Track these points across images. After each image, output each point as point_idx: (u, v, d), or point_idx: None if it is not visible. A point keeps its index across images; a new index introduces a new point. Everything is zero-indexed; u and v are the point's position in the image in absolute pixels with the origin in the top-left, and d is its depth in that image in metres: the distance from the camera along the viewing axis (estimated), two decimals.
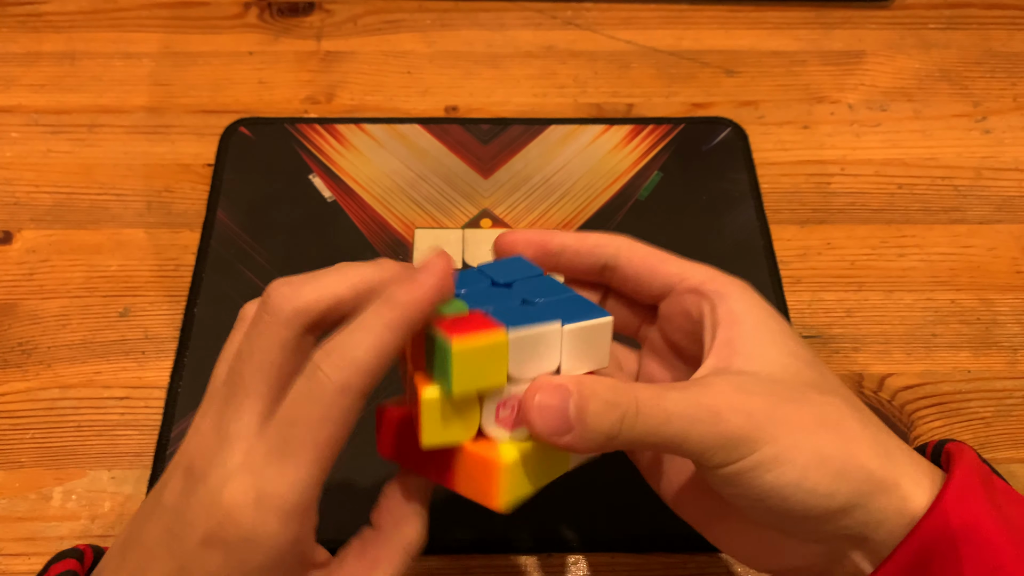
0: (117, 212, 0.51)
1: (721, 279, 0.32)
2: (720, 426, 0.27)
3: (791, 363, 0.30)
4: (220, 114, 0.55)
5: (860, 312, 0.48)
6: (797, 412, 0.28)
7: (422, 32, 0.60)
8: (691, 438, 0.27)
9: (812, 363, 0.31)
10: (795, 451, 0.28)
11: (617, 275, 0.34)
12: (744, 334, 0.30)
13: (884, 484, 0.28)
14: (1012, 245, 0.51)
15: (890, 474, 0.28)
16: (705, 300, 0.32)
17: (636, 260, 0.33)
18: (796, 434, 0.28)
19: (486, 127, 0.55)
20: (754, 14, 0.61)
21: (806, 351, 0.31)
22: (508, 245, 0.34)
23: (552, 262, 0.34)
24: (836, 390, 0.30)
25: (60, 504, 0.41)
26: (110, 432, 0.43)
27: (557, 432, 0.27)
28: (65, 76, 0.57)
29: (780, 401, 0.28)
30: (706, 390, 0.28)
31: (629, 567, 0.40)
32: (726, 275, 0.32)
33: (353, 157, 0.53)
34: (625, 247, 0.34)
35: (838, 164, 0.54)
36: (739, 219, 0.51)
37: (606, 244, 0.34)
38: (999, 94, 0.58)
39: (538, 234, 0.34)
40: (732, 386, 0.28)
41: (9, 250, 0.50)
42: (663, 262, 0.33)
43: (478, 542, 0.40)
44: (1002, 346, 0.47)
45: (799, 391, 0.29)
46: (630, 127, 0.55)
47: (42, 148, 0.54)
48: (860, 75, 0.58)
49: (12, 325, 0.47)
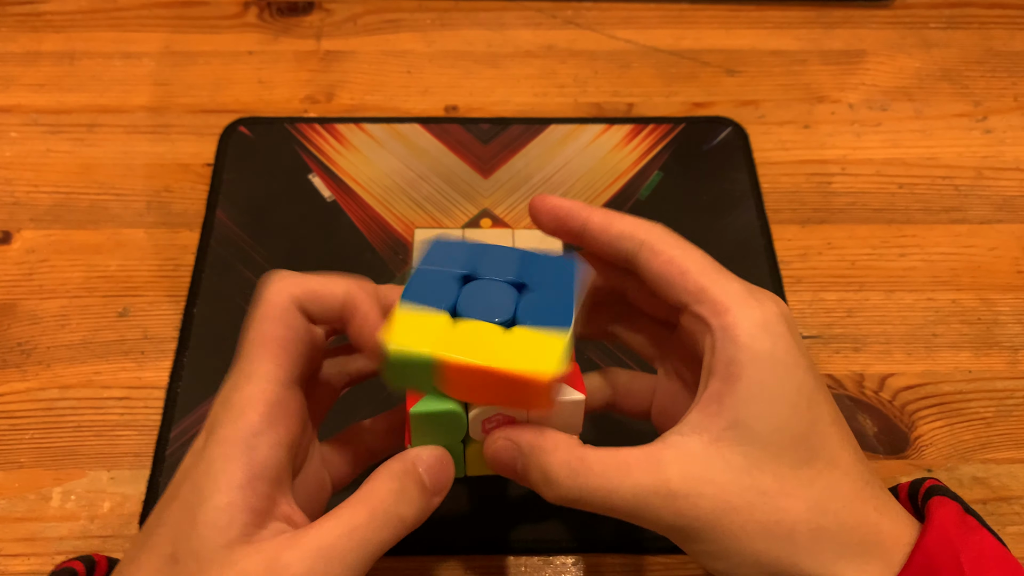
0: (117, 212, 0.51)
1: (737, 310, 0.29)
2: (667, 510, 0.28)
3: (779, 439, 0.28)
4: (220, 114, 0.55)
5: (861, 312, 0.48)
6: (744, 518, 0.28)
7: (422, 32, 0.60)
8: (642, 517, 0.28)
9: (808, 428, 0.29)
10: (727, 557, 0.28)
11: (639, 274, 0.32)
12: (737, 394, 0.28)
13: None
14: (1013, 245, 0.51)
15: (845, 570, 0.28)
16: (709, 334, 0.29)
17: (655, 266, 0.31)
18: (735, 542, 0.28)
19: (486, 127, 0.55)
20: (755, 14, 0.61)
21: (809, 408, 0.29)
22: (535, 211, 0.33)
23: (576, 241, 0.33)
24: (820, 448, 0.29)
25: (59, 504, 0.41)
26: (109, 432, 0.43)
27: (512, 478, 0.30)
28: (65, 76, 0.57)
29: (734, 498, 0.28)
30: (664, 468, 0.28)
31: (629, 567, 0.40)
32: (748, 301, 0.29)
33: (353, 157, 0.53)
34: (647, 247, 0.31)
35: (839, 164, 0.54)
36: (739, 219, 0.51)
37: (630, 238, 0.31)
38: (1000, 94, 0.57)
39: (564, 208, 0.33)
40: (696, 465, 0.28)
41: (8, 250, 0.50)
42: (683, 274, 0.30)
43: (478, 542, 0.40)
44: (1003, 346, 0.47)
45: (764, 485, 0.28)
46: (630, 127, 0.55)
47: (42, 148, 0.54)
48: (861, 75, 0.58)
49: (11, 325, 0.47)
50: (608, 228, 0.32)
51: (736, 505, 0.28)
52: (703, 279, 0.30)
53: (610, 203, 0.52)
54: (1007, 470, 0.43)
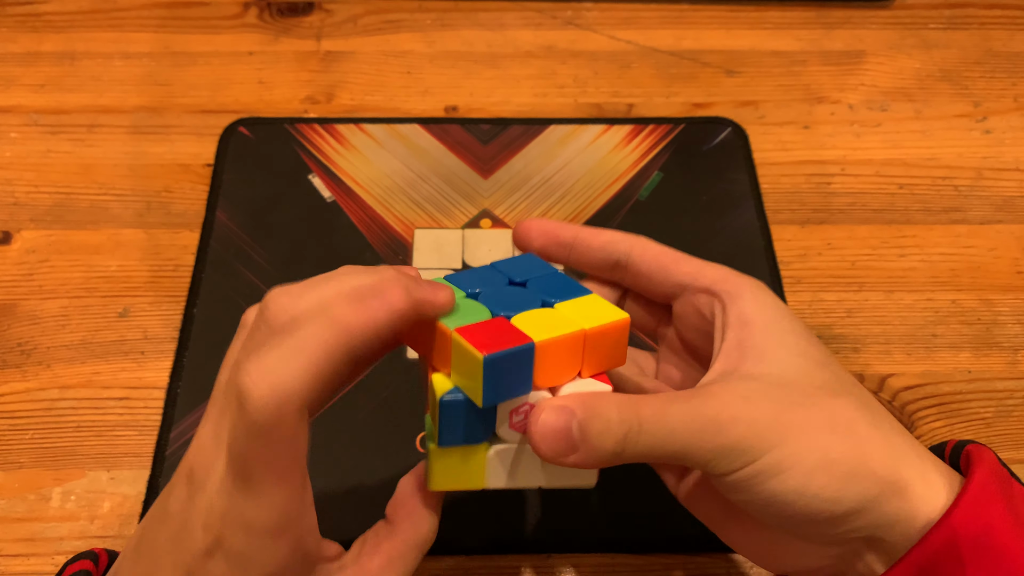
0: (116, 212, 0.51)
1: (734, 279, 0.32)
2: (722, 437, 0.27)
3: (802, 364, 0.30)
4: (220, 114, 0.55)
5: (860, 312, 0.48)
6: (803, 416, 0.28)
7: (422, 32, 0.60)
8: (693, 451, 0.28)
9: (825, 363, 0.30)
10: (799, 456, 0.28)
11: (630, 273, 0.34)
12: (754, 336, 0.30)
13: (895, 487, 0.28)
14: (1013, 245, 0.51)
15: (901, 477, 0.28)
16: (717, 300, 0.32)
17: (648, 258, 0.34)
18: (801, 439, 0.28)
19: (486, 127, 0.55)
20: (754, 14, 0.61)
21: (819, 350, 0.31)
22: (523, 233, 0.35)
23: (564, 254, 0.35)
24: (849, 391, 0.30)
25: (59, 505, 0.41)
26: (109, 432, 0.43)
27: (562, 453, 0.28)
28: (65, 76, 0.57)
29: (785, 407, 0.28)
30: (709, 400, 0.28)
31: (629, 567, 0.40)
32: (739, 275, 0.32)
33: (353, 157, 0.53)
34: (638, 245, 0.34)
35: (838, 164, 0.54)
36: (739, 219, 0.51)
37: (619, 241, 0.34)
38: (1000, 94, 0.58)
39: (553, 225, 0.35)
40: (736, 394, 0.28)
41: (8, 250, 0.50)
42: (676, 261, 0.33)
43: (478, 543, 0.40)
44: (1003, 346, 0.47)
45: (807, 394, 0.29)
46: (630, 127, 0.55)
47: (42, 148, 0.54)
48: (860, 75, 0.58)
49: (11, 325, 0.47)
50: (597, 235, 0.34)
51: (795, 400, 0.28)
52: (696, 264, 0.33)
53: (610, 203, 0.52)
54: None
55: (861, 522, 0.28)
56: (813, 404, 0.29)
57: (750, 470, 0.28)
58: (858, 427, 0.29)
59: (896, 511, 0.28)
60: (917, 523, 0.28)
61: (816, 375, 0.30)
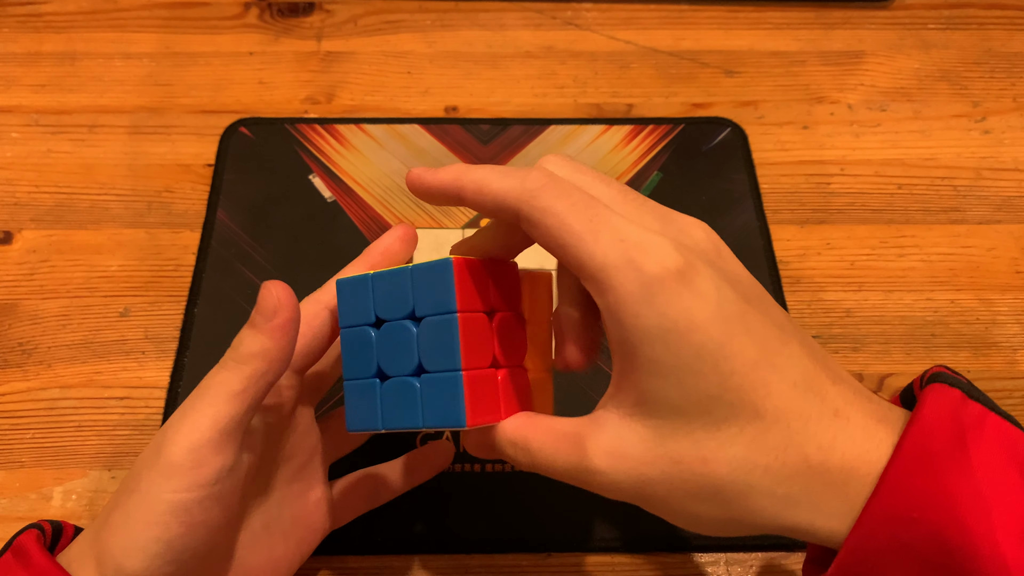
0: (117, 212, 0.51)
1: (617, 284, 0.27)
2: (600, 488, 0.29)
3: (685, 396, 0.27)
4: (220, 114, 0.55)
5: (860, 312, 0.48)
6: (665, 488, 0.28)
7: (422, 32, 0.60)
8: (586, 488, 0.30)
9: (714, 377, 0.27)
10: (674, 516, 0.29)
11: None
12: (637, 369, 0.27)
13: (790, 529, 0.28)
14: (1012, 245, 0.51)
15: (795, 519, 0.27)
16: (600, 314, 0.28)
17: (537, 236, 0.28)
18: (668, 507, 0.29)
19: (486, 127, 0.55)
20: (754, 14, 0.61)
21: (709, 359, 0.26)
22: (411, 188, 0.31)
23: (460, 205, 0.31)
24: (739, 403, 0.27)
25: (60, 504, 0.41)
26: (110, 432, 0.43)
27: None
28: (65, 76, 0.57)
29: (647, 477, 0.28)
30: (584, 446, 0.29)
31: (629, 567, 0.40)
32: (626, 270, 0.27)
33: (353, 157, 0.54)
34: (524, 217, 0.28)
35: (838, 164, 0.54)
36: (739, 219, 0.51)
37: (504, 207, 0.29)
38: (999, 94, 0.58)
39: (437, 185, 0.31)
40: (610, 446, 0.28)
41: (9, 250, 0.50)
42: (563, 247, 0.27)
43: (478, 541, 0.40)
44: (1002, 346, 0.47)
45: (673, 455, 0.28)
46: (630, 127, 0.55)
47: (42, 148, 0.54)
48: (860, 75, 0.58)
49: (12, 325, 0.47)
50: (482, 197, 0.29)
51: (653, 476, 0.28)
52: (579, 250, 0.27)
53: None
54: None
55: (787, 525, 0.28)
56: (680, 470, 0.28)
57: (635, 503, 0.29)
58: (727, 491, 0.27)
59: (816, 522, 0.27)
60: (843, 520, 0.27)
61: (700, 418, 0.27)
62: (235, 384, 0.30)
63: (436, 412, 0.30)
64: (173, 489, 0.29)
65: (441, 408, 0.30)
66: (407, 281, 0.31)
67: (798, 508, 0.27)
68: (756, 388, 0.27)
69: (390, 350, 0.31)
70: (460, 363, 0.29)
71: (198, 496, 0.29)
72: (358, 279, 0.32)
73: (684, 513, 0.28)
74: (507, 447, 0.31)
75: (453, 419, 0.29)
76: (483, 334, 0.31)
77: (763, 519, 0.27)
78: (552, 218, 0.27)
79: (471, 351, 0.30)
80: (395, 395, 0.31)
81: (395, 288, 0.31)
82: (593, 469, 0.28)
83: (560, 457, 0.29)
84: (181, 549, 0.29)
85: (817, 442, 0.27)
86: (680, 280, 0.26)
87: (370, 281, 0.32)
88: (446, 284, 0.30)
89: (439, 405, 0.30)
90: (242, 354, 0.30)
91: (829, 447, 0.27)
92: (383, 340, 0.32)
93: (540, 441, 0.30)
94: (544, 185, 0.28)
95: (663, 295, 0.26)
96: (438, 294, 0.30)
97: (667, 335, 0.26)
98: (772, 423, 0.27)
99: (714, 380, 0.26)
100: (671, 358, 0.26)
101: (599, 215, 0.27)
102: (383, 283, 0.32)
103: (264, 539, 0.34)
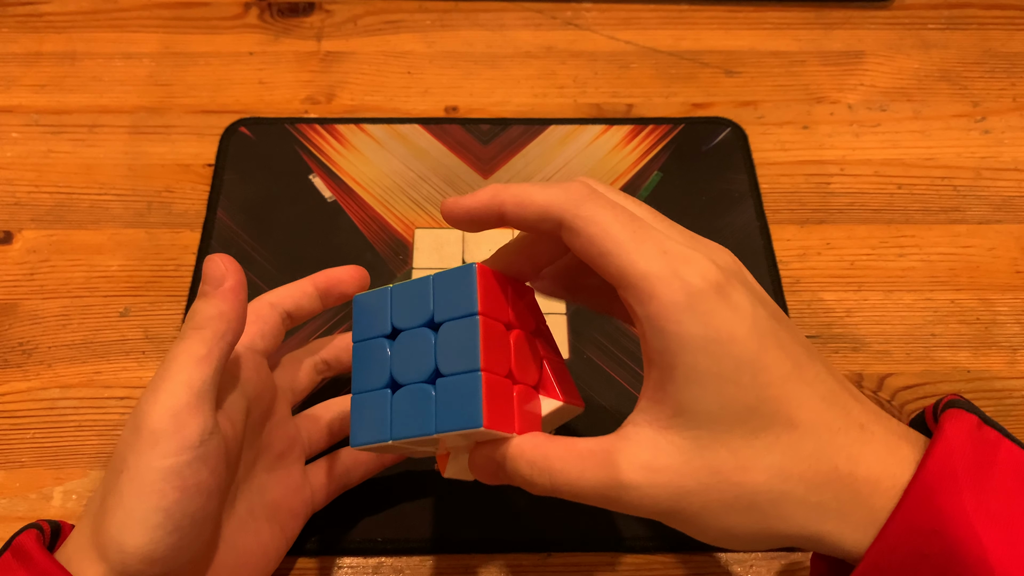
0: (117, 212, 0.51)
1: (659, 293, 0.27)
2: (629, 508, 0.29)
3: (724, 406, 0.27)
4: (220, 114, 0.55)
5: (860, 312, 0.48)
6: (702, 499, 0.28)
7: (422, 32, 0.60)
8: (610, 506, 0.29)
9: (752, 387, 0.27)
10: (704, 531, 0.29)
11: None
12: (675, 379, 0.28)
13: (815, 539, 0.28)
14: (1012, 245, 0.51)
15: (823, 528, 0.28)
16: (639, 323, 0.28)
17: (577, 247, 0.29)
18: (702, 520, 0.28)
19: (486, 127, 0.55)
20: (754, 14, 0.61)
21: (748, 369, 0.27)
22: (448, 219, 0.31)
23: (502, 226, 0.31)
24: (774, 413, 0.28)
25: (60, 504, 0.41)
26: (110, 432, 0.43)
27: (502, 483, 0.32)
28: (65, 76, 0.57)
29: (685, 489, 0.28)
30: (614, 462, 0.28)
31: (629, 567, 0.40)
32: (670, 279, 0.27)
33: (353, 157, 0.54)
34: (566, 228, 0.29)
35: (838, 164, 0.54)
36: (739, 219, 0.51)
37: (546, 217, 0.29)
38: (998, 94, 0.58)
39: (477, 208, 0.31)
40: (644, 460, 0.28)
41: (10, 250, 0.50)
42: (603, 256, 0.28)
43: (478, 541, 0.40)
44: (1001, 346, 0.47)
45: (712, 465, 0.28)
46: (630, 127, 0.55)
47: (43, 148, 0.54)
48: (860, 75, 0.59)
49: (12, 325, 0.47)
50: (524, 210, 0.30)
51: (691, 488, 0.28)
52: (622, 259, 0.28)
53: None
54: None
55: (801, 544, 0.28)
56: (719, 480, 0.28)
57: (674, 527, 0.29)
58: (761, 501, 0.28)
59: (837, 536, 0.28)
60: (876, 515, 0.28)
61: (738, 428, 0.28)
62: (199, 348, 0.31)
63: (451, 414, 0.29)
64: (162, 455, 0.29)
65: (457, 409, 0.29)
66: (428, 289, 0.31)
67: (827, 518, 0.28)
68: (790, 400, 0.28)
69: (405, 358, 0.31)
70: (480, 363, 0.29)
71: (187, 459, 0.30)
72: (377, 292, 0.33)
73: (716, 527, 0.28)
74: (523, 467, 0.30)
75: (469, 419, 0.29)
76: (502, 343, 0.31)
77: (793, 529, 0.28)
78: (596, 227, 0.28)
79: (491, 354, 0.30)
80: (407, 403, 0.31)
81: (415, 297, 0.31)
82: (627, 484, 0.28)
83: (588, 475, 0.29)
84: (180, 516, 0.30)
85: (847, 453, 0.28)
86: (720, 294, 0.27)
87: (389, 293, 0.32)
88: (469, 287, 0.30)
89: (455, 406, 0.29)
90: (199, 320, 0.32)
91: (857, 458, 0.28)
92: (398, 349, 0.32)
93: (563, 459, 0.29)
94: (588, 195, 0.29)
95: (705, 305, 0.27)
96: (460, 298, 0.30)
97: (710, 344, 0.27)
98: (805, 433, 0.28)
99: (752, 391, 0.27)
100: (713, 366, 0.27)
101: (642, 227, 0.28)
102: (403, 293, 0.32)
103: (250, 523, 0.35)
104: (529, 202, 0.30)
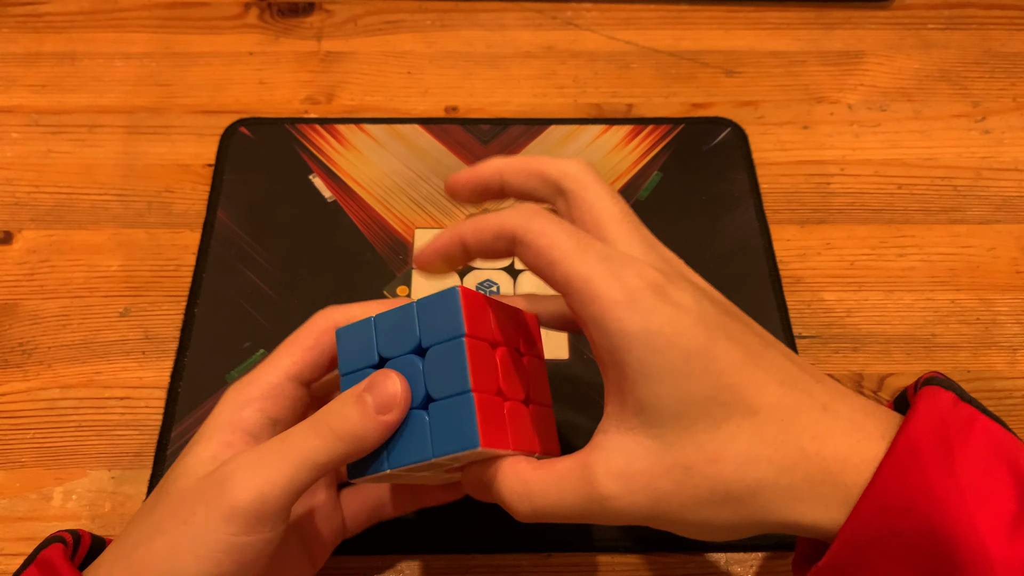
0: (118, 212, 0.51)
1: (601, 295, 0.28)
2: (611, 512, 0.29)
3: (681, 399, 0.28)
4: (220, 114, 0.55)
5: (860, 312, 0.48)
6: (680, 498, 0.28)
7: (422, 32, 0.60)
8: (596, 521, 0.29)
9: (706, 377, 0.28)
10: (687, 529, 0.29)
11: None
12: (629, 378, 0.28)
13: (793, 523, 0.28)
14: (1012, 245, 0.51)
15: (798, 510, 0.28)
16: (586, 327, 0.29)
17: (528, 261, 0.30)
18: (684, 518, 0.29)
19: (486, 127, 0.55)
20: (754, 14, 0.61)
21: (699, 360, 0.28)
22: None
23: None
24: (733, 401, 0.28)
25: (60, 504, 0.41)
26: (110, 432, 0.43)
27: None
28: (65, 76, 0.57)
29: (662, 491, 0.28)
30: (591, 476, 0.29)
31: (629, 567, 0.40)
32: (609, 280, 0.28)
33: (353, 157, 0.54)
34: (519, 244, 0.30)
35: (838, 164, 0.54)
36: (739, 219, 0.51)
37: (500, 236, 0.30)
38: (999, 94, 0.58)
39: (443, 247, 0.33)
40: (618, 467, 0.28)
41: (10, 250, 0.50)
42: (551, 265, 0.29)
43: (478, 541, 0.40)
44: (1002, 346, 0.47)
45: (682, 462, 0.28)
46: (630, 127, 0.55)
47: (42, 148, 0.54)
48: (860, 75, 0.59)
49: (12, 325, 0.47)
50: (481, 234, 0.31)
51: (667, 489, 0.28)
52: (566, 266, 0.29)
53: None
54: None
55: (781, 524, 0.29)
56: (691, 476, 0.28)
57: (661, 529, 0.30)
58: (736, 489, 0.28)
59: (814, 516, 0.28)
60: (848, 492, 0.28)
61: (700, 420, 0.28)
62: (322, 456, 0.30)
63: (447, 437, 0.29)
64: (233, 532, 0.29)
65: (453, 432, 0.29)
66: (412, 316, 0.31)
67: (801, 499, 0.28)
68: (746, 386, 0.28)
69: None
70: (470, 384, 0.29)
71: (253, 540, 0.29)
72: (360, 324, 0.32)
73: (698, 523, 0.29)
74: (506, 495, 0.30)
75: (466, 440, 0.29)
76: (489, 363, 0.31)
77: (772, 515, 0.28)
78: (544, 239, 0.29)
79: (479, 374, 0.30)
80: (402, 430, 0.31)
81: (399, 325, 0.31)
82: (606, 495, 0.28)
83: (567, 496, 0.29)
84: None
85: (811, 432, 0.28)
86: (660, 292, 0.28)
87: (373, 323, 0.32)
88: (454, 310, 0.30)
89: (450, 429, 0.29)
90: (342, 432, 0.30)
91: (823, 437, 0.28)
92: None
93: (541, 483, 0.29)
94: (536, 212, 0.30)
95: (646, 303, 0.28)
96: (445, 321, 0.30)
97: (653, 339, 0.28)
98: (767, 417, 0.28)
99: (706, 380, 0.28)
100: (661, 360, 0.28)
101: (586, 238, 0.30)
102: (386, 322, 0.32)
103: (282, 554, 0.34)
104: (484, 227, 0.31)
